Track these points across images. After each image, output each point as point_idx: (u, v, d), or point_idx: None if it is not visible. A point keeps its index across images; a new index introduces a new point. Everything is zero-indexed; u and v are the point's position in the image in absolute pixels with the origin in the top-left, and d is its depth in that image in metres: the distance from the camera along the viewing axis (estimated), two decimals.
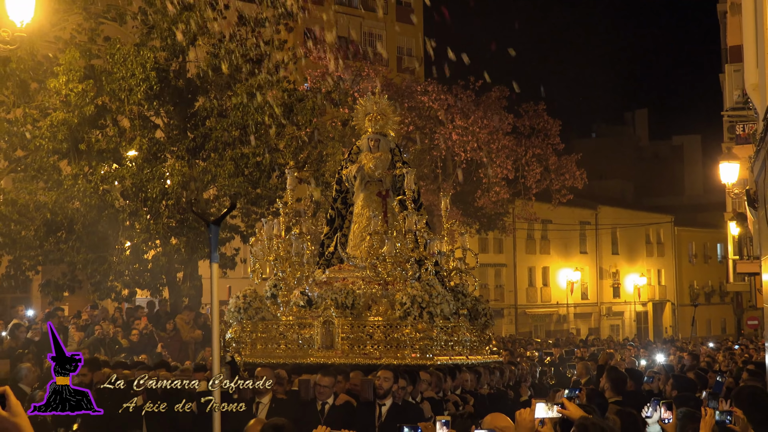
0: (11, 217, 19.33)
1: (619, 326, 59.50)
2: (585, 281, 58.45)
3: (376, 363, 10.91)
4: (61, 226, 19.65)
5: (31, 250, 20.09)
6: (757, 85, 11.35)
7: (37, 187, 19.60)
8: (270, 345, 12.29)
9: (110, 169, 19.79)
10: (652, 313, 61.93)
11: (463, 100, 36.42)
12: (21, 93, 19.41)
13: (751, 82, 11.87)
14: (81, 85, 19.02)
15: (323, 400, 9.45)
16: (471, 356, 12.44)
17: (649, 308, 61.89)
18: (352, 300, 11.84)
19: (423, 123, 35.76)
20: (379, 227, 12.70)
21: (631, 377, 12.19)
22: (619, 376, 11.16)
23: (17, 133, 19.41)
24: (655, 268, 63.04)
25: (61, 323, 19.61)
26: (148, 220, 20.04)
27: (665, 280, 63.45)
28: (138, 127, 19.90)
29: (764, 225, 11.66)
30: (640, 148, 74.51)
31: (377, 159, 13.37)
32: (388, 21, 49.57)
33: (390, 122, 13.84)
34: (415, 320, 11.52)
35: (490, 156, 36.76)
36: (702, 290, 62.80)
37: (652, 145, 75.57)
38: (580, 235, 57.97)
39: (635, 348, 30.49)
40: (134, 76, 19.19)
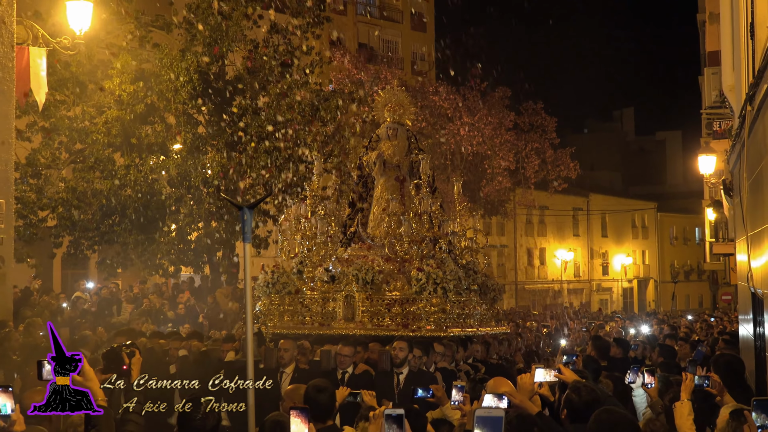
0: (72, 203, 19.46)
1: (608, 300, 59.51)
2: (577, 261, 58.53)
3: (394, 334, 10.68)
4: (115, 210, 19.74)
5: (89, 232, 20.20)
6: (733, 87, 11.26)
7: (94, 176, 19.68)
8: (296, 317, 12.12)
9: (158, 160, 19.85)
10: (637, 289, 61.92)
11: (469, 100, 36.45)
12: (80, 93, 19.50)
13: (727, 84, 11.79)
14: (132, 87, 19.08)
15: (343, 369, 9.30)
16: (481, 328, 12.17)
17: (635, 285, 61.88)
18: (371, 276, 11.58)
19: (434, 120, 35.74)
20: (396, 209, 12.56)
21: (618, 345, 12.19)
22: (604, 344, 11.19)
23: (77, 128, 19.49)
24: (640, 249, 63.01)
25: (114, 296, 19.74)
26: (191, 206, 20.11)
27: (649, 260, 63.39)
28: (182, 124, 19.95)
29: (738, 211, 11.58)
30: (627, 143, 74.28)
31: (395, 146, 13.20)
32: (403, 29, 49.51)
33: (407, 113, 13.64)
34: (430, 295, 11.33)
35: (493, 149, 36.79)
36: (681, 269, 62.69)
37: (637, 139, 75.34)
38: (573, 219, 57.98)
39: (622, 320, 30.52)
40: (179, 78, 19.25)
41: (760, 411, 4.75)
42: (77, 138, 19.66)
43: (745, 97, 9.08)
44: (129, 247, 20.44)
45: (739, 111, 10.16)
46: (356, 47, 43.80)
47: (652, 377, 6.80)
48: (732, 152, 12.59)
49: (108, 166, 19.62)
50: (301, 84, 20.36)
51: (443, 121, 35.88)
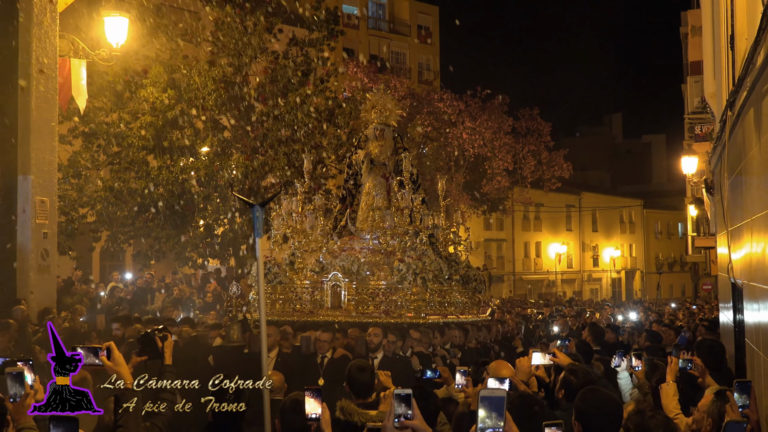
0: (109, 201, 19.52)
1: (598, 290, 59.50)
2: (570, 253, 58.57)
3: (377, 321, 10.39)
4: (149, 207, 19.77)
5: (125, 227, 20.26)
6: (715, 94, 11.23)
7: (130, 176, 19.72)
8: (287, 305, 11.79)
9: (187, 162, 19.87)
10: (624, 279, 61.88)
11: (471, 106, 36.47)
12: (116, 101, 19.54)
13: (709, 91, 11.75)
14: (164, 95, 19.11)
15: (322, 353, 9.07)
16: (462, 315, 11.83)
17: (623, 275, 61.84)
18: (357, 267, 11.42)
19: (439, 125, 35.77)
20: (381, 204, 12.34)
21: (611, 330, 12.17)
22: (599, 330, 11.17)
23: (114, 133, 19.55)
24: (628, 242, 62.99)
25: (148, 285, 19.80)
26: (218, 203, 20.12)
27: (636, 253, 63.37)
28: (210, 128, 19.96)
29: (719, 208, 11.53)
30: (615, 145, 74.21)
31: (382, 146, 12.95)
32: (410, 42, 49.51)
33: (393, 114, 13.28)
34: (410, 284, 11.06)
35: (493, 151, 36.79)
36: (666, 261, 62.63)
37: (625, 142, 75.28)
38: (566, 215, 57.99)
39: (611, 307, 30.51)
40: (207, 87, 19.27)
41: (741, 392, 4.74)
42: (114, 141, 19.71)
43: (725, 104, 9.05)
44: (161, 241, 20.48)
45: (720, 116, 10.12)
46: (368, 58, 43.81)
47: (639, 361, 6.79)
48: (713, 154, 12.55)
49: (142, 167, 19.66)
50: (318, 92, 20.35)
51: (447, 126, 35.89)
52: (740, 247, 8.81)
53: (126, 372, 4.40)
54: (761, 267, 7.02)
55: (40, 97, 13.62)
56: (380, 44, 48.00)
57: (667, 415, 5.05)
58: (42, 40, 13.63)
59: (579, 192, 57.35)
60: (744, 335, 9.07)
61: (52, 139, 14.01)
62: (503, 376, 5.40)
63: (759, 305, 7.37)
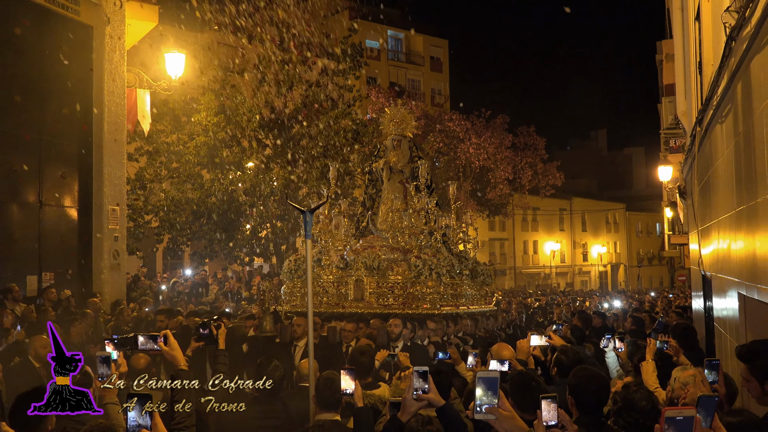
0: (170, 209, 19.64)
1: (587, 281, 59.09)
2: (563, 250, 58.21)
3: (396, 312, 10.03)
4: (203, 214, 19.89)
5: (183, 231, 20.39)
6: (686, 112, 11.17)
7: (187, 188, 19.83)
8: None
9: (235, 175, 19.97)
10: (610, 272, 61.42)
11: (476, 125, 36.44)
12: (175, 124, 19.68)
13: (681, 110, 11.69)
14: (215, 119, 19.23)
15: (347, 342, 8.59)
16: (471, 306, 11.43)
17: (609, 269, 61.39)
18: (377, 263, 11.02)
19: (449, 141, 35.76)
20: (399, 207, 11.86)
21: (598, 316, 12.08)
22: (587, 316, 11.11)
23: (173, 151, 19.69)
24: (612, 240, 62.53)
25: (203, 280, 19.91)
26: (261, 210, 20.21)
27: (620, 249, 62.89)
28: (254, 147, 20.06)
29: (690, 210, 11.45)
30: (601, 157, 73.63)
31: (399, 155, 12.58)
32: (424, 70, 49.53)
33: (408, 127, 12.86)
34: (426, 279, 10.73)
35: (496, 163, 36.72)
36: (645, 256, 62.16)
37: (609, 154, 74.67)
38: (560, 218, 57.69)
39: (599, 296, 30.31)
40: (251, 111, 19.39)
41: (711, 369, 4.69)
42: (173, 158, 19.85)
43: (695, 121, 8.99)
44: (214, 242, 20.60)
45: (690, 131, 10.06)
46: (388, 85, 43.86)
47: (621, 343, 6.76)
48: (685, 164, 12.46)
49: (197, 180, 19.79)
50: (345, 115, 20.39)
51: (456, 142, 35.89)
52: (709, 243, 8.75)
53: (180, 356, 4.28)
54: (726, 261, 6.97)
55: (112, 122, 13.74)
56: (398, 73, 48.04)
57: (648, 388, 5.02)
58: (112, 73, 13.75)
59: (570, 197, 57.05)
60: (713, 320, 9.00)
61: (122, 156, 14.14)
62: (504, 358, 5.40)
63: (725, 294, 7.33)
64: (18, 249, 12.02)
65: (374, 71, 42.10)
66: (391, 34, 48.07)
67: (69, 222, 13.18)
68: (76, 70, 13.13)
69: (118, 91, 13.85)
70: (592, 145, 74.19)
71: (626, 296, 29.75)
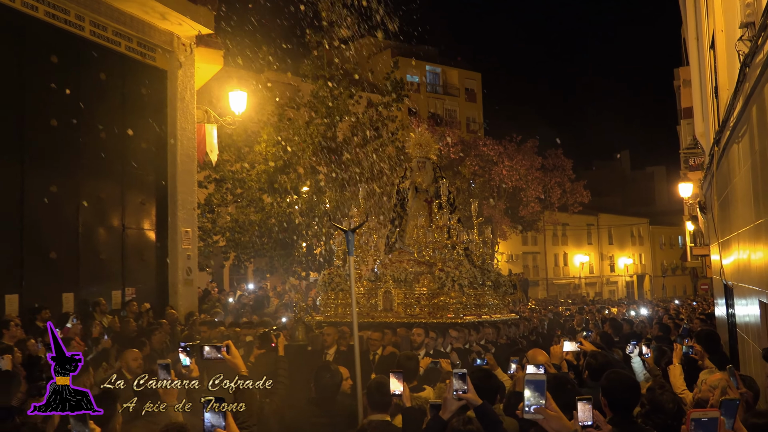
0: (235, 230, 19.85)
1: (615, 290, 57.89)
2: (591, 262, 57.26)
3: (421, 321, 9.65)
4: (264, 234, 20.04)
5: (247, 249, 20.56)
6: (704, 133, 10.93)
7: (250, 211, 20.02)
8: (347, 309, 10.93)
9: (292, 199, 20.13)
10: (636, 282, 60.08)
11: (509, 149, 36.22)
12: (239, 154, 19.94)
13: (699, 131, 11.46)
14: (274, 149, 19.43)
15: (374, 350, 8.23)
16: (494, 315, 11.06)
17: (635, 279, 60.07)
18: (404, 276, 10.76)
19: (484, 164, 35.60)
20: (423, 223, 11.58)
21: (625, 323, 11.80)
22: (618, 324, 10.85)
23: (237, 178, 19.95)
24: (638, 252, 61.22)
25: (265, 293, 20.03)
26: (315, 230, 20.29)
27: (644, 260, 61.52)
28: (308, 173, 20.21)
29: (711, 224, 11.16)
30: (625, 176, 72.26)
31: (424, 175, 12.32)
32: (459, 101, 49.52)
33: (432, 149, 12.59)
34: (449, 290, 10.43)
35: (527, 184, 36.41)
36: (669, 266, 60.62)
37: (633, 173, 73.22)
38: (587, 232, 56.83)
39: (626, 305, 29.64)
40: (305, 142, 19.55)
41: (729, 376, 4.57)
42: (238, 185, 20.08)
43: (713, 141, 8.80)
44: (274, 259, 20.73)
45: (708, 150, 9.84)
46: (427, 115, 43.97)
47: (648, 348, 6.60)
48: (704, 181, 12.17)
49: (259, 204, 19.97)
50: (389, 142, 20.44)
51: (490, 165, 35.71)
52: (729, 254, 8.52)
53: (241, 363, 4.27)
54: (747, 271, 6.78)
55: (184, 154, 13.96)
56: (436, 104, 48.14)
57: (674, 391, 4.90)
58: (184, 111, 14.02)
59: (597, 213, 56.14)
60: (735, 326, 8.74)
61: (192, 183, 14.32)
62: (539, 362, 5.32)
63: (746, 301, 7.11)
64: (104, 267, 12.29)
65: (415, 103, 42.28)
66: (429, 69, 48.26)
67: (148, 243, 13.43)
68: (153, 109, 13.44)
69: (189, 126, 14.10)
70: (616, 165, 72.91)
71: (652, 304, 29.02)
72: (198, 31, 13.66)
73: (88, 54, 11.90)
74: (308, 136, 19.50)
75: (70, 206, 11.58)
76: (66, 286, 11.28)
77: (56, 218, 11.30)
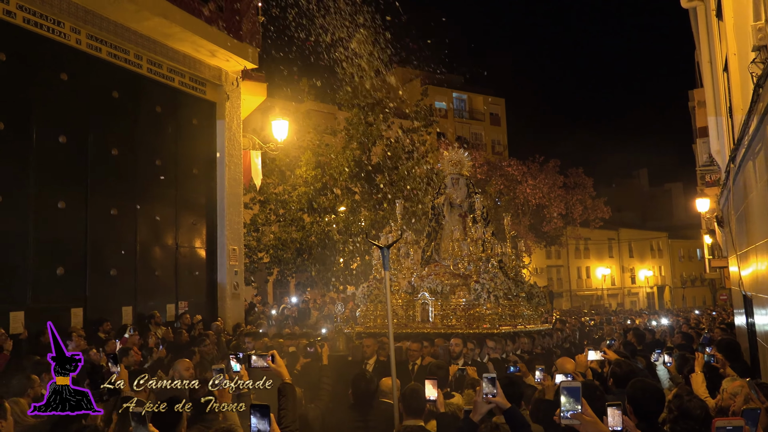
0: (278, 247, 20.01)
1: (636, 301, 56.64)
2: (613, 274, 56.19)
3: (458, 332, 9.40)
4: (305, 251, 20.14)
5: (289, 265, 20.69)
6: (719, 151, 10.70)
7: (291, 229, 20.17)
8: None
9: (330, 218, 20.23)
10: (657, 293, 58.71)
11: (532, 169, 35.94)
12: (281, 177, 20.15)
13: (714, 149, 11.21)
14: (313, 172, 19.59)
15: (413, 361, 7.86)
16: (528, 325, 10.72)
17: (655, 290, 58.71)
18: (441, 288, 10.53)
19: (509, 183, 35.36)
20: (458, 237, 11.31)
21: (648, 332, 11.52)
22: (641, 333, 10.59)
23: (280, 200, 20.13)
24: (657, 265, 59.88)
25: (307, 306, 20.06)
26: (352, 246, 20.32)
27: (664, 272, 60.13)
28: (345, 194, 20.30)
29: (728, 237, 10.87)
30: (643, 192, 71.00)
31: (458, 191, 12.10)
32: (485, 125, 49.42)
33: (465, 167, 12.35)
34: (485, 301, 10.16)
35: (550, 201, 36.02)
36: (688, 278, 59.20)
37: (651, 190, 71.88)
38: (608, 246, 55.83)
39: (647, 315, 28.95)
40: (341, 165, 19.67)
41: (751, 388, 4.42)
42: (280, 206, 20.26)
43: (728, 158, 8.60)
44: (314, 274, 20.80)
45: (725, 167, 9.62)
46: (454, 138, 43.92)
47: (670, 357, 6.43)
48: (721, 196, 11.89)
49: (299, 223, 20.09)
50: (420, 165, 20.44)
51: (515, 184, 35.46)
52: (747, 266, 8.27)
53: (285, 372, 4.22)
54: (765, 282, 6.57)
55: (231, 178, 14.12)
56: (463, 128, 48.10)
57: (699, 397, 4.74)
58: (231, 139, 14.22)
59: (617, 228, 55.17)
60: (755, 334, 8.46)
61: (239, 205, 14.45)
62: (567, 371, 5.22)
63: (765, 311, 6.88)
64: (159, 282, 12.45)
65: (443, 127, 42.30)
66: (455, 96, 48.32)
67: (199, 260, 13.58)
68: (203, 138, 13.68)
69: (236, 153, 14.29)
70: (635, 183, 71.70)
71: (673, 314, 28.28)
72: (244, 66, 13.90)
73: (145, 89, 12.19)
74: (344, 160, 19.61)
75: (129, 227, 11.81)
76: (125, 300, 11.47)
77: (116, 239, 11.52)
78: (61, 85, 10.60)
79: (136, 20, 11.49)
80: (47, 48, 10.37)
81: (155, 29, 11.86)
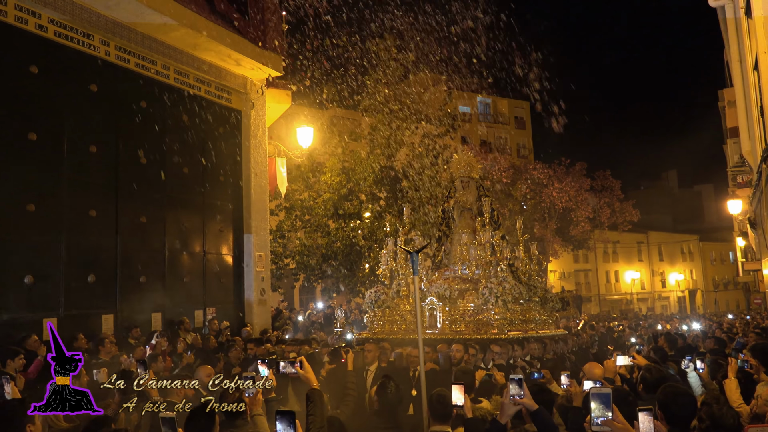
0: (304, 253, 20.05)
1: (667, 305, 55.63)
2: (643, 278, 55.27)
3: (465, 337, 9.14)
4: (330, 257, 20.16)
5: (315, 271, 20.71)
6: (750, 151, 10.47)
7: (317, 236, 20.19)
8: (394, 325, 10.61)
9: (355, 224, 20.23)
10: (688, 297, 57.56)
11: (558, 172, 35.59)
12: (306, 184, 20.22)
13: (746, 149, 10.98)
14: (338, 178, 19.61)
15: (414, 367, 7.48)
16: (541, 331, 10.34)
17: (687, 294, 57.56)
18: (449, 293, 10.34)
19: (535, 187, 35.05)
20: (467, 240, 11.09)
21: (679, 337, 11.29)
22: (673, 338, 10.38)
23: (305, 206, 20.20)
24: (689, 268, 58.72)
25: (332, 311, 20.08)
26: (377, 252, 20.25)
27: (695, 276, 58.93)
28: (370, 200, 20.27)
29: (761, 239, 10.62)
30: (673, 194, 69.83)
31: (468, 194, 11.85)
32: (510, 129, 49.08)
33: (475, 169, 12.09)
34: (492, 306, 9.90)
35: (577, 204, 35.59)
36: (720, 281, 57.94)
37: (680, 191, 70.72)
38: (638, 249, 54.97)
39: (678, 320, 28.42)
40: (366, 171, 19.67)
41: None
42: (305, 212, 20.31)
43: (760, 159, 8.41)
44: (339, 280, 20.80)
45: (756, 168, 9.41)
46: (479, 143, 43.75)
47: (702, 363, 6.28)
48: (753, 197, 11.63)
49: (325, 229, 20.12)
50: (443, 170, 20.33)
51: (540, 188, 35.14)
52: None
53: (313, 378, 4.23)
54: None
55: (257, 185, 14.23)
56: (487, 132, 47.86)
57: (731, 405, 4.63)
58: (257, 146, 14.34)
59: (646, 231, 54.31)
60: None
61: (265, 212, 14.55)
62: (596, 376, 5.14)
63: None
64: (187, 289, 12.59)
65: (467, 132, 42.15)
66: (480, 100, 48.12)
67: (226, 267, 13.69)
68: (229, 146, 13.82)
69: (261, 160, 14.40)
70: (663, 185, 70.58)
71: (705, 319, 27.72)
72: (268, 74, 14.02)
73: (172, 98, 12.38)
74: (369, 167, 19.62)
75: (158, 235, 11.98)
76: (154, 307, 11.62)
77: (145, 246, 11.69)
78: (91, 96, 10.82)
79: (164, 31, 11.68)
80: (77, 60, 10.60)
81: (182, 39, 12.04)
